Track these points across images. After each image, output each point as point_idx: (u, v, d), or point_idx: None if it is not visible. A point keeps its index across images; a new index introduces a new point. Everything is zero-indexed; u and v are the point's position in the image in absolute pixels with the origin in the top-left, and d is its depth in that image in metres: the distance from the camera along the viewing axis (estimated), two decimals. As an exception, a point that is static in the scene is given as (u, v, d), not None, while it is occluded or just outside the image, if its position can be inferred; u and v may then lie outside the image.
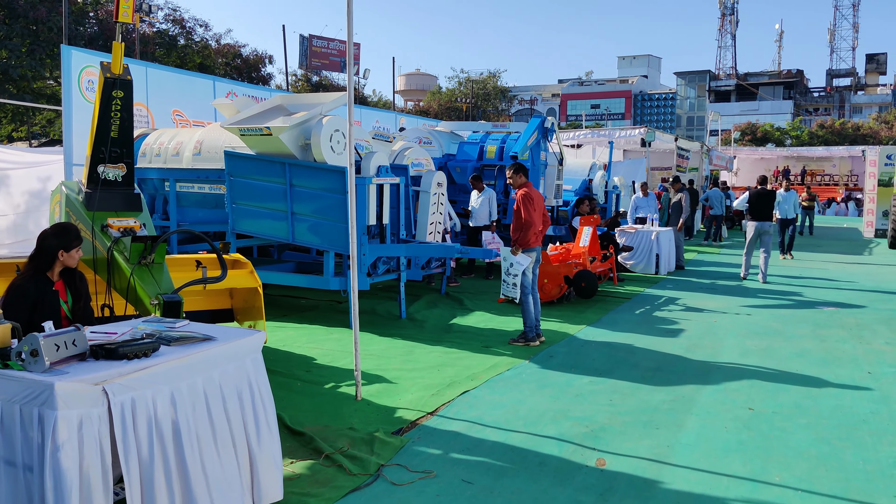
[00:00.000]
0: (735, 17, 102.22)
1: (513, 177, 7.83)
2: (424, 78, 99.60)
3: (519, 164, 7.89)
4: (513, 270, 7.69)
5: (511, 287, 7.72)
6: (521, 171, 7.84)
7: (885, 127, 68.79)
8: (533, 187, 7.91)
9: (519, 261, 7.66)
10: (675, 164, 24.05)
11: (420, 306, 9.92)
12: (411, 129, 14.68)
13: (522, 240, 7.66)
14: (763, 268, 13.06)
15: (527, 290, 7.78)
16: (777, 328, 8.97)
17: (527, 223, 7.62)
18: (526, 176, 7.88)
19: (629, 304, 10.58)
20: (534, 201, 7.73)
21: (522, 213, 7.64)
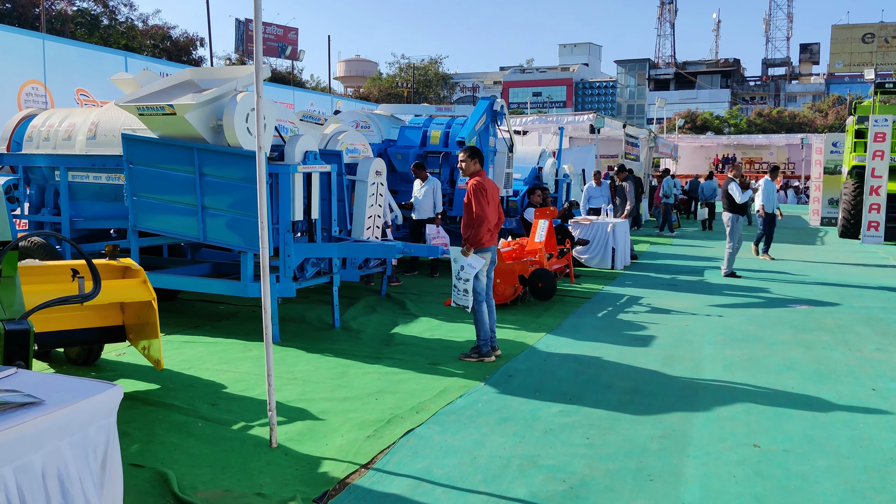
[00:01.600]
0: (674, 6, 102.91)
1: (465, 161, 6.68)
2: (365, 64, 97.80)
3: (473, 149, 6.75)
4: (464, 274, 6.56)
5: (462, 294, 6.60)
6: (476, 156, 6.71)
7: (819, 115, 70.01)
8: (486, 176, 6.79)
9: (471, 263, 6.53)
10: (624, 151, 23.26)
11: (357, 312, 8.73)
12: (347, 112, 13.41)
13: (474, 238, 6.53)
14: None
15: (480, 298, 6.67)
16: (755, 333, 8.07)
17: (479, 218, 6.50)
18: (481, 162, 6.75)
19: (589, 304, 9.58)
20: (487, 192, 6.60)
21: (474, 206, 6.51)
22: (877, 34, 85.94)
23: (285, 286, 7.11)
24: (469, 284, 6.56)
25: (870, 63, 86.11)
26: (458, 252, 6.60)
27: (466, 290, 6.56)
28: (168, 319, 7.96)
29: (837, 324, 8.64)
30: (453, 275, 6.66)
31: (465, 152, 6.70)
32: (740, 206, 12.16)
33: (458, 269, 6.59)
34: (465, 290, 6.56)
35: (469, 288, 6.57)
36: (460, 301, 6.62)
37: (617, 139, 25.52)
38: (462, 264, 6.54)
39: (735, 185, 12.07)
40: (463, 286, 6.56)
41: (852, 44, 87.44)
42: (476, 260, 6.55)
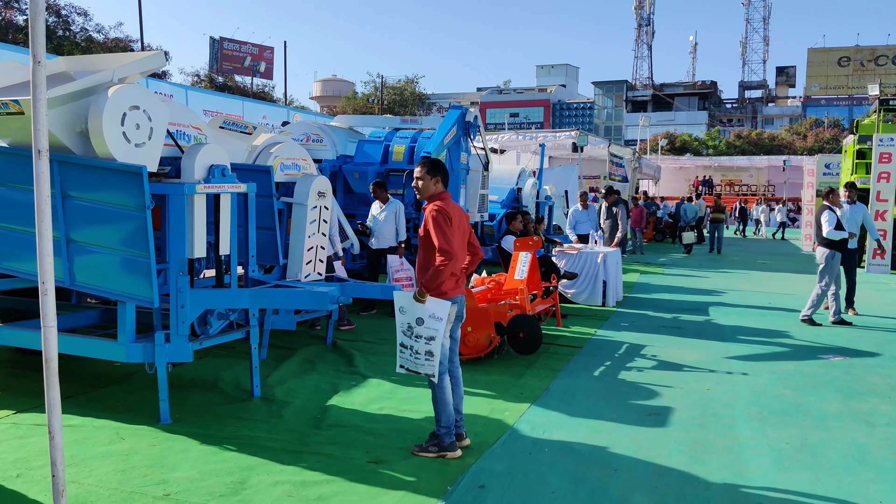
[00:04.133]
0: (651, 27, 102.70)
1: (422, 179, 4.89)
2: (341, 84, 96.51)
3: (434, 161, 4.95)
4: (425, 330, 4.73)
5: (424, 357, 4.74)
6: (437, 171, 4.91)
7: (798, 138, 69.35)
8: (452, 199, 4.99)
9: (434, 313, 4.71)
10: (609, 171, 21.64)
11: (288, 371, 6.86)
12: (297, 123, 11.61)
13: (434, 282, 4.72)
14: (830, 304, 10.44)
15: (443, 368, 4.84)
16: (794, 400, 6.31)
17: (444, 255, 4.68)
18: (444, 181, 4.96)
19: (582, 357, 7.78)
20: (453, 222, 4.80)
21: (435, 239, 4.71)
22: (853, 57, 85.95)
23: (178, 347, 5.24)
24: (435, 343, 4.74)
25: (845, 86, 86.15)
26: (406, 299, 4.78)
27: (430, 353, 4.72)
28: (38, 385, 6.04)
29: (890, 384, 6.92)
30: (398, 328, 4.84)
31: (423, 166, 4.91)
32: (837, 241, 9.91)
33: (410, 323, 4.76)
34: (427, 351, 4.72)
35: (434, 349, 4.74)
36: (419, 367, 4.77)
37: (600, 159, 23.96)
38: (419, 316, 4.71)
39: (829, 214, 9.88)
40: (424, 346, 4.72)
41: (828, 67, 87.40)
42: (439, 306, 4.74)
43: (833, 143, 59.71)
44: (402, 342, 4.81)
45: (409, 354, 4.78)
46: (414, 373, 4.80)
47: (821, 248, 10.04)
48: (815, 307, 10.07)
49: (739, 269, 17.89)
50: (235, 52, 65.11)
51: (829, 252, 9.90)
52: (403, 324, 4.78)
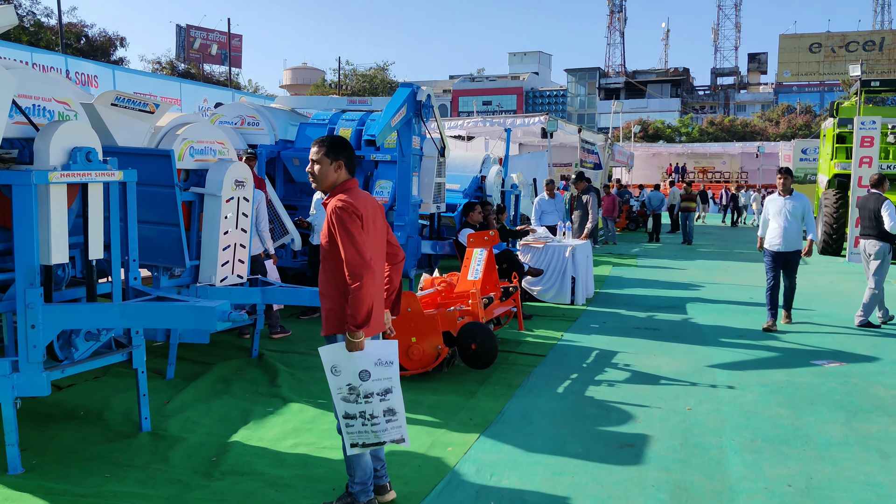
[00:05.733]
0: (623, 14, 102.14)
1: (319, 162, 3.80)
2: (311, 72, 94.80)
3: (334, 140, 3.87)
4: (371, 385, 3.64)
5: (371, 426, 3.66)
6: (340, 152, 3.81)
7: (770, 124, 69.08)
8: (361, 190, 3.92)
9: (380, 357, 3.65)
10: (580, 158, 20.68)
11: (196, 394, 5.79)
12: (231, 105, 10.46)
13: (362, 312, 3.58)
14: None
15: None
16: (791, 422, 5.36)
17: (356, 270, 3.62)
18: (350, 165, 3.88)
19: (545, 368, 6.78)
20: (365, 219, 3.71)
21: (343, 247, 3.61)
22: (824, 44, 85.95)
23: (29, 378, 4.13)
24: (394, 396, 3.68)
25: (817, 73, 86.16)
26: (336, 353, 3.65)
27: (391, 411, 3.66)
28: None
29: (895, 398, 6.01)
30: (336, 398, 3.68)
31: (320, 145, 3.81)
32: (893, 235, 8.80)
33: (351, 383, 3.63)
34: (386, 410, 3.64)
35: (395, 404, 3.68)
36: (382, 436, 3.68)
37: (571, 146, 22.99)
38: (362, 368, 3.62)
39: (890, 205, 8.70)
40: (381, 405, 3.63)
41: (800, 53, 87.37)
42: (384, 347, 3.68)
43: (805, 130, 59.44)
44: (346, 412, 3.66)
45: (360, 425, 3.66)
46: (372, 446, 3.71)
47: (873, 242, 8.88)
48: (871, 309, 9.00)
49: (717, 259, 17.03)
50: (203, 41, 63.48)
51: (885, 245, 8.81)
52: (341, 387, 3.64)
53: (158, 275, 6.28)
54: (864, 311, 8.98)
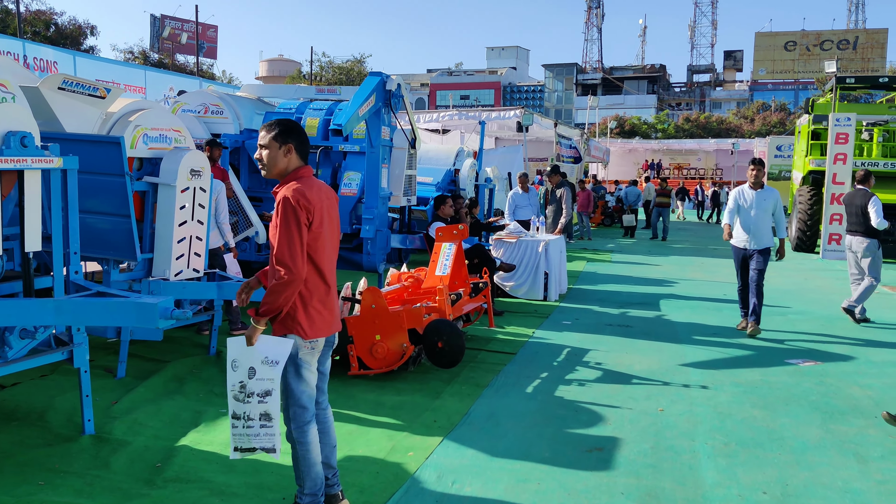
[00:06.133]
0: (601, 10, 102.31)
1: (269, 146, 3.52)
2: (287, 64, 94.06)
3: (285, 123, 3.60)
4: (254, 385, 3.39)
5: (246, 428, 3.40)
6: (290, 136, 3.53)
7: (746, 121, 69.51)
8: (317, 180, 3.66)
9: (267, 356, 3.37)
10: (556, 153, 20.51)
11: (146, 393, 5.50)
12: (195, 93, 10.11)
13: (273, 305, 3.37)
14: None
15: (308, 416, 3.53)
16: (766, 424, 5.19)
17: (286, 265, 3.37)
18: (302, 151, 3.61)
19: (514, 366, 6.57)
20: (315, 212, 3.45)
21: (276, 239, 3.37)
22: (799, 42, 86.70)
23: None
24: (272, 400, 3.40)
25: (791, 71, 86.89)
26: (239, 346, 3.40)
27: (266, 416, 3.40)
28: None
29: (872, 397, 5.86)
30: (230, 397, 3.43)
31: (269, 129, 3.54)
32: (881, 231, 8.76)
33: (243, 381, 3.39)
34: (262, 414, 3.39)
35: (271, 409, 3.41)
36: (253, 441, 3.41)
37: (547, 140, 22.82)
38: (251, 365, 3.38)
39: (877, 201, 8.68)
40: (258, 407, 3.40)
41: (775, 51, 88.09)
42: (276, 345, 3.40)
43: (780, 127, 59.87)
44: (234, 411, 3.42)
45: (242, 427, 3.41)
46: (248, 451, 3.44)
47: (860, 239, 8.82)
48: (865, 299, 8.94)
49: (691, 255, 16.94)
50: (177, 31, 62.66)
51: (873, 242, 8.76)
52: (234, 384, 3.41)
53: (109, 268, 5.98)
54: (857, 300, 8.90)
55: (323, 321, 3.53)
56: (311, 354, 3.52)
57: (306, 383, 3.52)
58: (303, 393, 3.51)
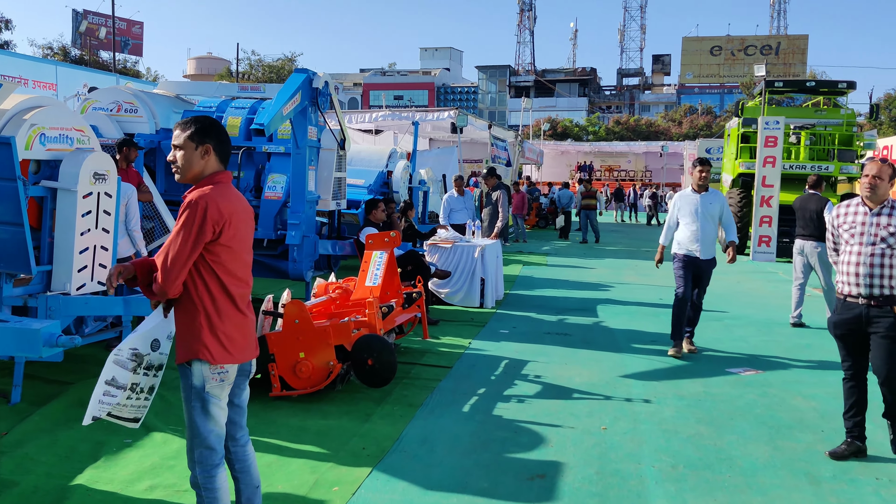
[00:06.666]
0: (533, 13, 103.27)
1: (184, 147, 3.13)
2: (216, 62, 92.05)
3: (203, 121, 3.17)
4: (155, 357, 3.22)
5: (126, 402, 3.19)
6: (208, 136, 3.13)
7: (674, 124, 71.00)
8: (234, 189, 3.23)
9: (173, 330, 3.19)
10: (491, 154, 20.28)
11: (42, 422, 4.93)
12: (106, 90, 9.43)
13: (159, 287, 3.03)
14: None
15: (216, 458, 3.11)
16: (713, 441, 4.95)
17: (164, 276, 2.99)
18: (222, 154, 3.19)
19: (450, 382, 6.19)
20: (228, 224, 3.04)
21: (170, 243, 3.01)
22: (724, 47, 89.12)
23: None
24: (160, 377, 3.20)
25: (717, 75, 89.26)
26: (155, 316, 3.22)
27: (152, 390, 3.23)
28: None
29: (817, 409, 5.71)
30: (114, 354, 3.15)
31: (185, 127, 3.14)
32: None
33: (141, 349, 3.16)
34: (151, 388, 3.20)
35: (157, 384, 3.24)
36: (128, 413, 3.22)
37: (482, 142, 22.59)
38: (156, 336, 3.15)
39: (831, 206, 8.03)
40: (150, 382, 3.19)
41: (701, 55, 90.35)
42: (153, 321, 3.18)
43: (707, 130, 61.28)
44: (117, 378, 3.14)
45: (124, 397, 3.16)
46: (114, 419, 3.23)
47: (814, 244, 8.80)
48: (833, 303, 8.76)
49: (625, 258, 16.92)
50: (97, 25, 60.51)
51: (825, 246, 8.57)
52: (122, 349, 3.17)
53: (1, 283, 5.37)
54: (829, 307, 8.74)
55: (234, 345, 3.11)
56: (221, 387, 3.10)
57: (214, 421, 3.09)
58: (210, 432, 3.08)
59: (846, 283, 4.63)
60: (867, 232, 4.58)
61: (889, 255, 4.49)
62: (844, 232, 4.70)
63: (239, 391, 3.26)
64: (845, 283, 4.64)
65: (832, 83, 18.81)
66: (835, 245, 4.90)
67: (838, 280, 4.71)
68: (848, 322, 4.64)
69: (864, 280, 4.53)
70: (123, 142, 8.05)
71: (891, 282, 4.48)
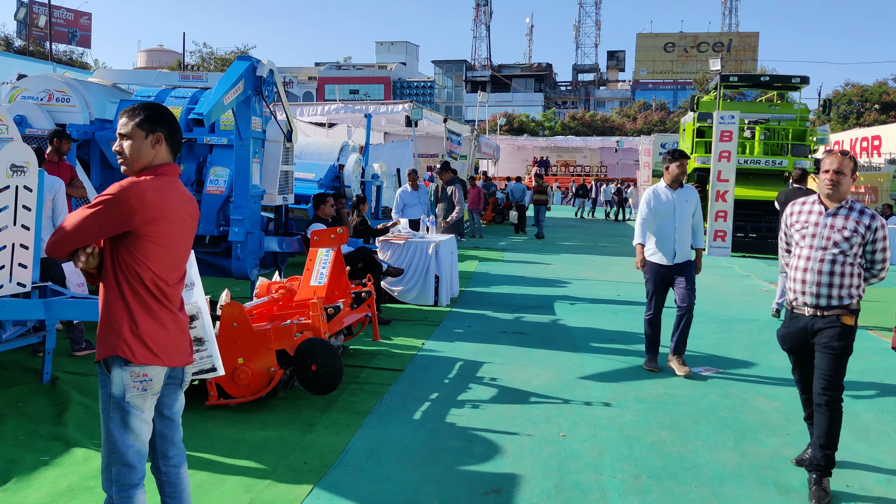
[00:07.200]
0: (489, 8, 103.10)
1: (132, 135, 2.86)
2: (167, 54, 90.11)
3: (153, 108, 2.91)
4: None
5: None
6: (159, 123, 2.90)
7: (628, 120, 71.57)
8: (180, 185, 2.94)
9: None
10: (446, 149, 19.97)
11: (-53, 441, 4.47)
12: (37, 77, 8.85)
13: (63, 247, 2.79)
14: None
15: (136, 476, 2.79)
16: (676, 448, 4.71)
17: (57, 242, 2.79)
18: (173, 144, 2.97)
19: (401, 387, 5.86)
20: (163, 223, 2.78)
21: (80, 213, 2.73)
22: (677, 43, 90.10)
23: None
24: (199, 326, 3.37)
25: (671, 71, 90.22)
26: None
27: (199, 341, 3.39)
28: None
29: (780, 410, 5.52)
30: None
31: (132, 115, 2.85)
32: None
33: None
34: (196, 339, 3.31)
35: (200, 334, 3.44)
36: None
37: (437, 136, 22.26)
38: None
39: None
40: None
41: (655, 52, 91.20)
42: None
43: (661, 126, 61.82)
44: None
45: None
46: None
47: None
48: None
49: (581, 253, 16.76)
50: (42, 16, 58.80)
51: None
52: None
53: None
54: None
55: (159, 346, 2.80)
56: (143, 397, 2.76)
57: (135, 435, 2.77)
58: (129, 448, 2.76)
59: (792, 289, 4.14)
60: (819, 234, 4.06)
61: (841, 261, 3.98)
62: (796, 232, 4.18)
63: (170, 401, 2.95)
64: (791, 290, 4.16)
65: (786, 78, 18.90)
66: (787, 246, 4.37)
67: (788, 287, 4.23)
68: (794, 335, 4.19)
69: (810, 288, 4.03)
70: (55, 133, 7.58)
71: (840, 291, 3.98)
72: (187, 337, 2.94)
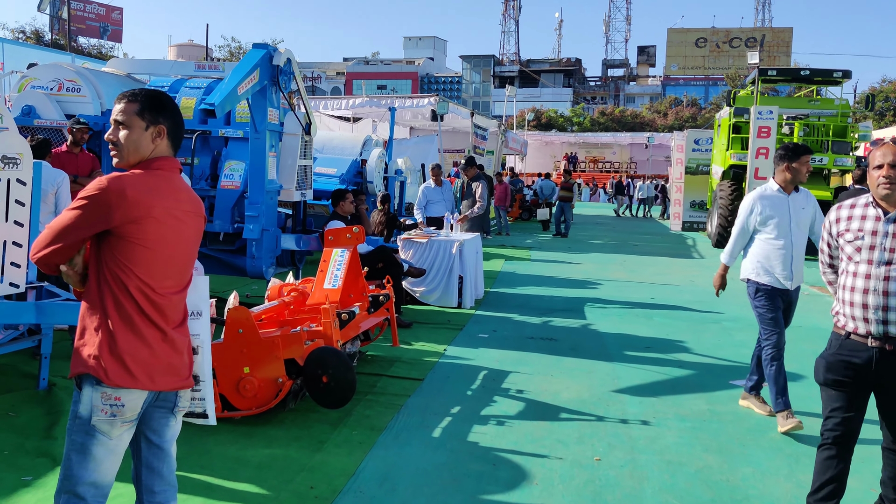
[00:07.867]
0: (518, 3, 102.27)
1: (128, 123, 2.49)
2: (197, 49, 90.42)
3: (153, 95, 2.57)
4: None
5: None
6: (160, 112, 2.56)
7: (659, 116, 70.56)
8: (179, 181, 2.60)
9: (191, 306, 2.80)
10: (473, 144, 19.49)
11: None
12: (47, 66, 8.54)
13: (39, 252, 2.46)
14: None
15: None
16: (726, 476, 4.22)
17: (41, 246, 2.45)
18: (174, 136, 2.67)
19: (420, 399, 5.43)
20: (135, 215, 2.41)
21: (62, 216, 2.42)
22: (709, 39, 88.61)
23: None
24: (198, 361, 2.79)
25: (702, 67, 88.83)
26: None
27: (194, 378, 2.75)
28: None
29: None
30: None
31: (129, 101, 2.49)
32: None
33: None
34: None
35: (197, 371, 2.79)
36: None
37: (464, 131, 21.77)
38: None
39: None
40: None
41: (686, 47, 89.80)
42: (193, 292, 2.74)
43: (692, 122, 60.80)
44: None
45: None
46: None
47: None
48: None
49: (612, 252, 16.23)
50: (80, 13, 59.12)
51: None
52: None
53: None
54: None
55: (139, 367, 2.41)
56: (111, 423, 2.39)
57: (95, 464, 2.41)
58: (83, 478, 2.40)
59: (849, 315, 3.32)
60: (880, 245, 3.24)
61: None
62: (847, 244, 3.35)
63: (160, 427, 2.57)
64: (848, 317, 3.33)
65: (827, 72, 18.17)
66: (831, 260, 3.59)
67: (837, 311, 3.43)
68: (849, 367, 3.30)
69: (874, 314, 3.21)
70: (75, 121, 7.37)
71: None
72: (183, 358, 2.55)
